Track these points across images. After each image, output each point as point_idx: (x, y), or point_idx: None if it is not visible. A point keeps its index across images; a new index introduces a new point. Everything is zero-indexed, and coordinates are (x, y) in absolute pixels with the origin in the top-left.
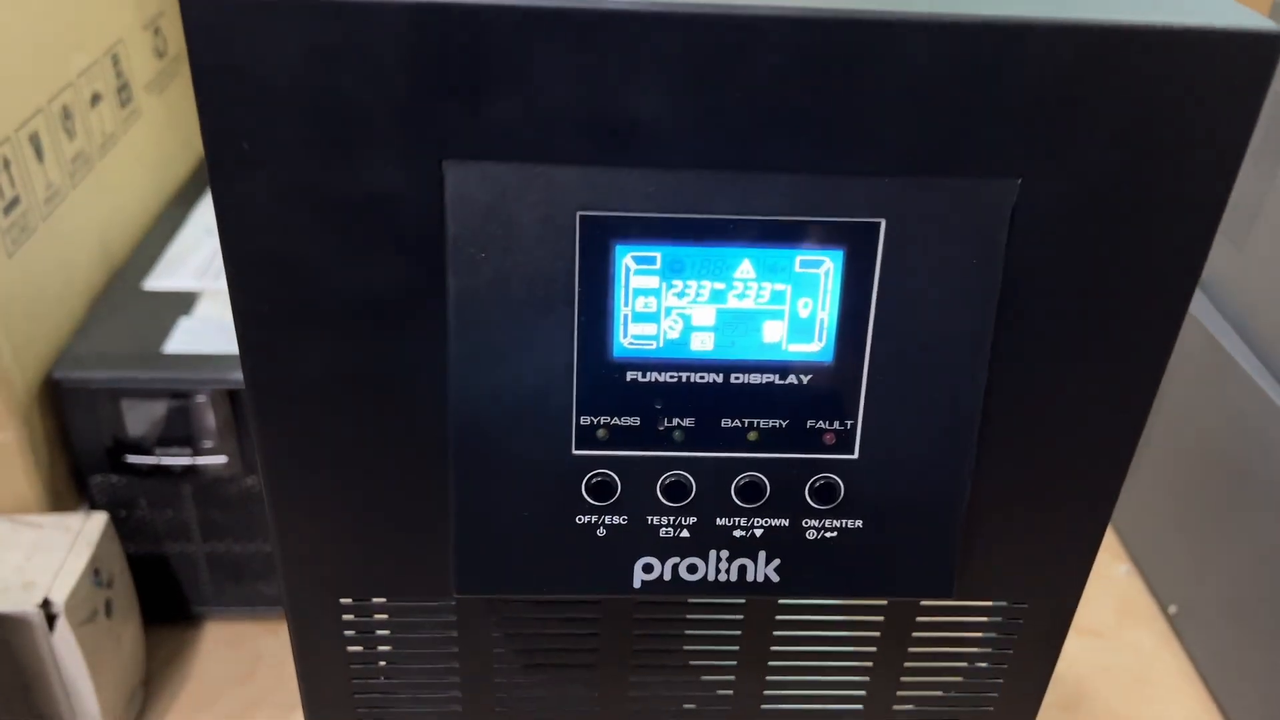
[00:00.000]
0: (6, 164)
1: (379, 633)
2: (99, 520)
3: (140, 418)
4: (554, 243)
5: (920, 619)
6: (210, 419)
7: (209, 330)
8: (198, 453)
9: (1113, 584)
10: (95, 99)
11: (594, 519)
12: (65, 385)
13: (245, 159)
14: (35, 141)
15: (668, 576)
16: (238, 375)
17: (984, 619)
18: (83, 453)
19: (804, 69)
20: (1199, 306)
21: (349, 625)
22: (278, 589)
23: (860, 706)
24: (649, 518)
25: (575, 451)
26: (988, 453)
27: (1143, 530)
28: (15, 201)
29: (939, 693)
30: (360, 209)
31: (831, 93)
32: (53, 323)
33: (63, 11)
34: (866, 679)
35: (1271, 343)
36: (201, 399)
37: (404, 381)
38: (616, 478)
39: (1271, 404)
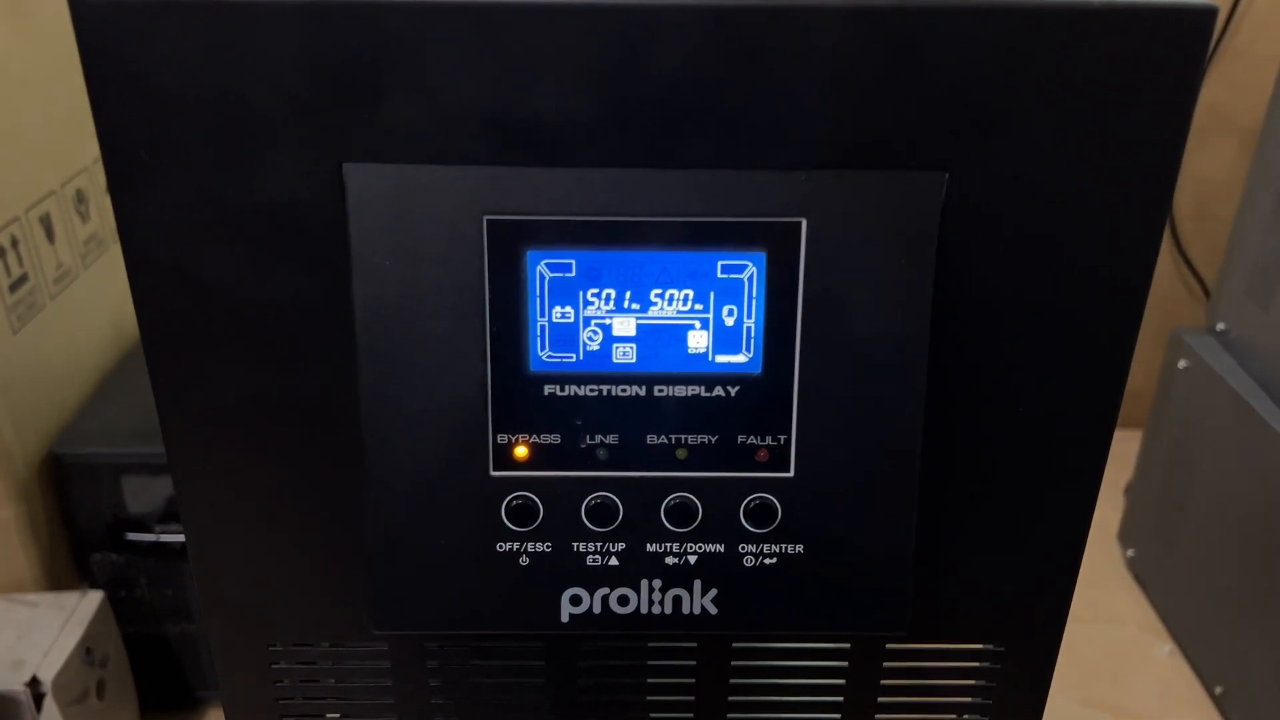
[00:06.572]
0: (14, 243)
1: (310, 683)
2: (94, 599)
3: (141, 494)
4: (461, 249)
5: (887, 664)
6: None
7: None
8: None
9: (1156, 665)
10: None
11: (516, 546)
12: (67, 460)
13: (145, 169)
14: (46, 222)
15: (598, 609)
16: None
17: (958, 664)
18: (83, 530)
19: (712, 60)
20: (1225, 367)
21: (279, 675)
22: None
23: None
24: (574, 544)
25: (493, 473)
26: (938, 474)
27: (1184, 608)
28: (23, 279)
29: None
30: (262, 217)
31: (742, 84)
32: (58, 399)
33: (75, 99)
34: None
35: None
36: None
37: (317, 403)
38: (538, 500)
39: None
